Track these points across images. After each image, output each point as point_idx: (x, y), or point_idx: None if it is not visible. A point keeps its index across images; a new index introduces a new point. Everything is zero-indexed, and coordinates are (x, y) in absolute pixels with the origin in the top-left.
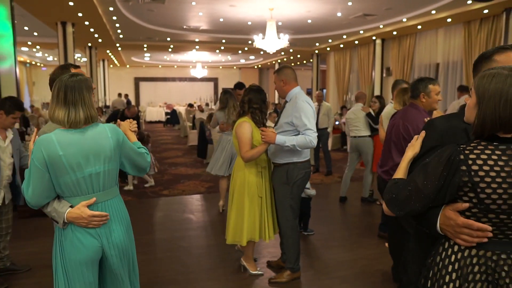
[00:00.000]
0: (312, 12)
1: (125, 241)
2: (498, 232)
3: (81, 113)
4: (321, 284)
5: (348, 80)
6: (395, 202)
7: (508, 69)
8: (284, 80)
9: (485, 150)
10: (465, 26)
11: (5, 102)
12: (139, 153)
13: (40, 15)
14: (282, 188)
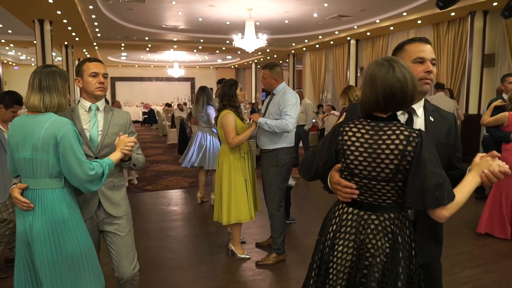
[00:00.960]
0: (289, 12)
1: (46, 238)
2: (367, 195)
3: (55, 98)
4: (304, 266)
5: (324, 80)
6: (302, 167)
7: (385, 58)
8: (276, 78)
9: (358, 125)
10: (434, 28)
11: (4, 97)
12: (79, 161)
13: (17, 12)
14: (272, 170)
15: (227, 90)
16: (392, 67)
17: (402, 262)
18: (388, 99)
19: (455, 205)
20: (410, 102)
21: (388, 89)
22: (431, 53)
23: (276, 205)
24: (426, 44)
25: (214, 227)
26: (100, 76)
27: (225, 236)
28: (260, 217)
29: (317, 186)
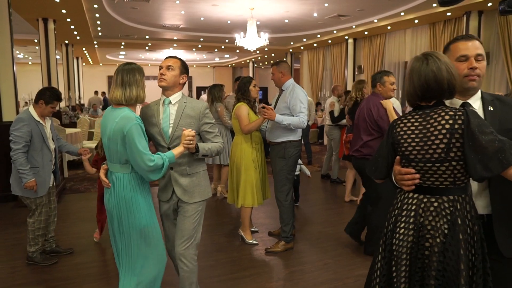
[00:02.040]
0: (290, 12)
1: (114, 212)
2: (425, 178)
3: (134, 91)
4: (311, 253)
5: (321, 78)
6: (368, 166)
7: (423, 53)
8: (283, 72)
9: (408, 117)
10: (431, 27)
11: (45, 93)
12: (140, 152)
13: (22, 11)
14: (280, 162)
15: (242, 85)
16: (426, 60)
17: (462, 243)
18: (423, 89)
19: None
20: (449, 91)
21: (422, 79)
22: (476, 49)
23: (284, 194)
24: (469, 41)
25: (227, 218)
26: (164, 68)
27: (237, 226)
28: (272, 208)
29: (317, 181)
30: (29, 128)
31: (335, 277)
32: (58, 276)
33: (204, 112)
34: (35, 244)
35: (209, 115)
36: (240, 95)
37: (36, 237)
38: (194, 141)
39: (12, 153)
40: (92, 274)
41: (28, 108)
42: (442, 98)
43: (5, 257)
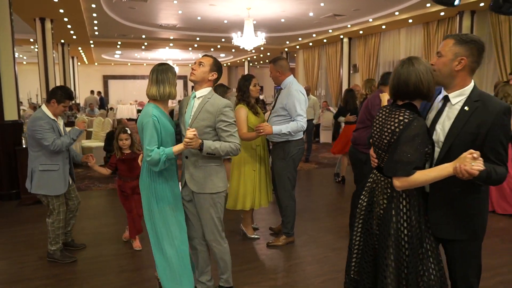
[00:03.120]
0: (286, 11)
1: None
2: (380, 161)
3: (167, 88)
4: (312, 247)
5: (317, 77)
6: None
7: (409, 57)
8: (280, 70)
9: (384, 109)
10: (424, 27)
11: (57, 92)
12: (145, 146)
13: (20, 10)
14: (280, 162)
15: (241, 85)
16: (404, 63)
17: (394, 218)
18: (394, 89)
19: (409, 180)
20: (416, 94)
21: (395, 80)
22: (440, 47)
23: (287, 195)
24: (443, 41)
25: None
26: (196, 64)
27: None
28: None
29: (317, 178)
30: (50, 124)
31: (335, 268)
32: (67, 270)
33: (222, 110)
34: (56, 243)
35: (227, 113)
36: (240, 96)
37: (56, 236)
38: (194, 141)
39: (53, 148)
40: (100, 268)
41: (41, 107)
42: (412, 99)
43: (14, 252)
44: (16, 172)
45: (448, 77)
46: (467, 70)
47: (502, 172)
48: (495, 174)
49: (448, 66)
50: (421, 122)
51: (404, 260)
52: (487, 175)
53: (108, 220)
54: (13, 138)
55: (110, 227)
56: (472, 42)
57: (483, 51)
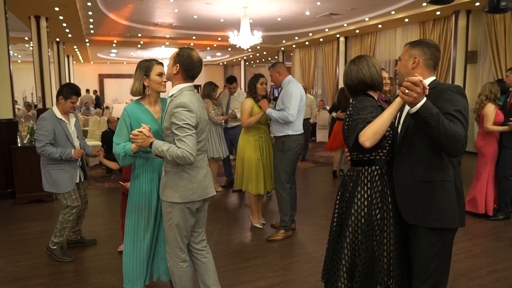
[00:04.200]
0: (283, 10)
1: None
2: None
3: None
4: (311, 243)
5: (313, 76)
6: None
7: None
8: (279, 71)
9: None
10: (420, 26)
11: (63, 88)
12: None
13: (14, 8)
14: (279, 155)
15: (250, 82)
16: (349, 63)
17: (355, 199)
18: (346, 86)
19: (368, 129)
20: (363, 84)
21: (344, 79)
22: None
23: (282, 186)
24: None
25: (224, 211)
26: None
27: (235, 218)
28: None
29: (313, 176)
30: (52, 126)
31: None
32: (63, 269)
33: (173, 110)
34: (60, 235)
35: (178, 115)
36: (248, 92)
37: (63, 228)
38: (139, 138)
39: (39, 151)
40: (96, 267)
41: (52, 107)
42: (363, 91)
43: (10, 251)
44: (11, 171)
45: (406, 76)
46: (422, 67)
47: (453, 127)
48: (442, 121)
49: (405, 66)
50: (369, 100)
51: (359, 241)
52: (438, 114)
53: (105, 219)
54: (7, 136)
55: (106, 226)
56: (422, 43)
57: (435, 50)
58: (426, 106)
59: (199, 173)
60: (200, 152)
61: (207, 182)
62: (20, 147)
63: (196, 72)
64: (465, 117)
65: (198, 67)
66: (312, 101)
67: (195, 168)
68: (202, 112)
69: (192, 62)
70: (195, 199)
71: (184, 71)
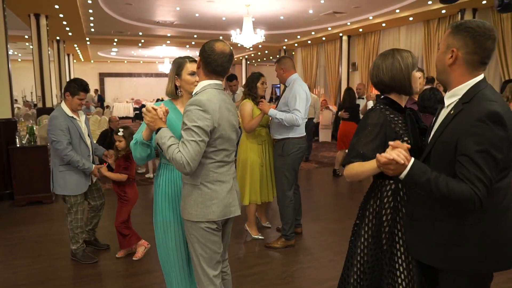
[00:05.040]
0: (286, 8)
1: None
2: None
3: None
4: (317, 249)
5: (315, 75)
6: None
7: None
8: (283, 68)
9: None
10: (425, 25)
11: (70, 84)
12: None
13: (13, 6)
14: (279, 160)
15: (250, 81)
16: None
17: (366, 219)
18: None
19: (347, 169)
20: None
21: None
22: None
23: (283, 193)
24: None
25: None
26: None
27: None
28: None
29: (323, 176)
30: (65, 124)
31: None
32: (62, 275)
33: (186, 108)
34: (76, 242)
35: (189, 113)
36: (247, 91)
37: (75, 235)
38: (148, 115)
39: (62, 155)
40: (97, 274)
41: (60, 105)
42: (385, 93)
43: (6, 256)
44: (9, 172)
45: (443, 74)
46: (462, 65)
47: (456, 188)
48: (436, 188)
49: (441, 60)
50: (378, 114)
51: (368, 256)
52: (427, 182)
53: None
54: (6, 136)
55: (104, 230)
56: (466, 29)
57: (485, 39)
58: (409, 176)
59: (222, 187)
60: (223, 163)
61: (231, 200)
62: (18, 147)
63: (219, 66)
64: (492, 157)
65: (221, 60)
66: (316, 101)
67: (216, 182)
68: (227, 115)
69: (213, 54)
70: (216, 217)
71: (205, 64)
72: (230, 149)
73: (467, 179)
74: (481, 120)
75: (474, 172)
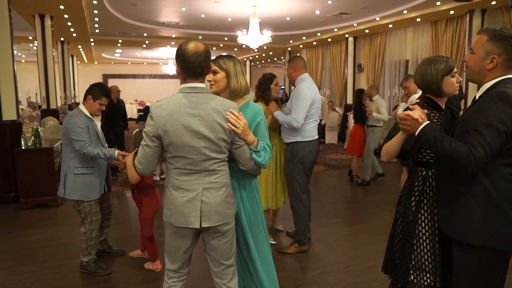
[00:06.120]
0: (292, 9)
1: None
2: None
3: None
4: (330, 254)
5: (321, 77)
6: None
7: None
8: (293, 67)
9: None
10: (432, 26)
11: (93, 88)
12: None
13: (18, 7)
14: (289, 164)
15: (263, 82)
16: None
17: (400, 199)
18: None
19: (384, 148)
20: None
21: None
22: (473, 43)
23: (296, 198)
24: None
25: None
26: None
27: None
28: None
29: (326, 180)
30: (86, 123)
31: (358, 280)
32: (70, 283)
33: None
34: (88, 254)
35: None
36: (260, 93)
37: (88, 247)
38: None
39: (84, 150)
40: (106, 280)
41: (79, 106)
42: (425, 92)
43: (11, 262)
44: (14, 175)
45: (479, 75)
46: (499, 68)
47: (457, 147)
48: (440, 144)
49: (479, 64)
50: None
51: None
52: (434, 138)
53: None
54: (11, 138)
55: (115, 234)
56: (506, 38)
57: None
58: (421, 134)
59: (182, 195)
60: (187, 171)
61: (190, 210)
62: (24, 149)
63: (197, 67)
64: (494, 128)
65: (197, 60)
66: (324, 102)
67: (178, 189)
68: (184, 121)
69: (183, 54)
70: (172, 222)
71: (181, 69)
72: (192, 157)
73: (469, 143)
74: (491, 98)
75: (476, 137)
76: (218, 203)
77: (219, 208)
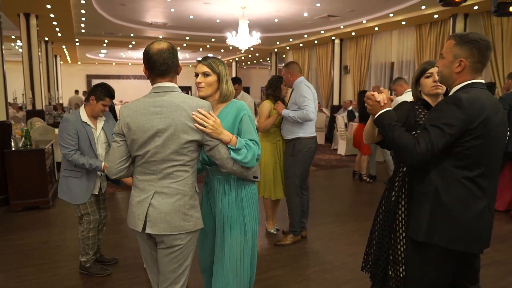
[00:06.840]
0: (280, 11)
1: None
2: None
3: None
4: (327, 252)
5: (307, 78)
6: None
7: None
8: (291, 72)
9: None
10: (417, 29)
11: (97, 89)
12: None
13: (2, 5)
14: (289, 159)
15: (275, 83)
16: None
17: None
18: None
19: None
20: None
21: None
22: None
23: (293, 191)
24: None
25: None
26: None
27: None
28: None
29: (322, 179)
30: (75, 129)
31: (355, 276)
32: (69, 284)
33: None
34: (85, 253)
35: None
36: (270, 91)
37: (85, 246)
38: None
39: (69, 158)
40: (103, 282)
41: (79, 108)
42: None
43: (9, 264)
44: (4, 177)
45: (449, 79)
46: (468, 71)
47: (405, 138)
48: (392, 132)
49: (448, 68)
50: (407, 104)
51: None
52: (388, 125)
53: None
54: (1, 139)
55: (108, 242)
56: (472, 42)
57: (487, 49)
58: (379, 117)
59: (135, 195)
60: (144, 170)
61: (139, 212)
62: (14, 151)
63: (163, 64)
64: (440, 129)
65: (162, 58)
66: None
67: (135, 188)
68: (146, 120)
69: (147, 54)
70: (128, 223)
71: (148, 70)
72: (149, 156)
73: (416, 138)
74: (446, 101)
75: (423, 135)
76: (167, 211)
77: (168, 216)
